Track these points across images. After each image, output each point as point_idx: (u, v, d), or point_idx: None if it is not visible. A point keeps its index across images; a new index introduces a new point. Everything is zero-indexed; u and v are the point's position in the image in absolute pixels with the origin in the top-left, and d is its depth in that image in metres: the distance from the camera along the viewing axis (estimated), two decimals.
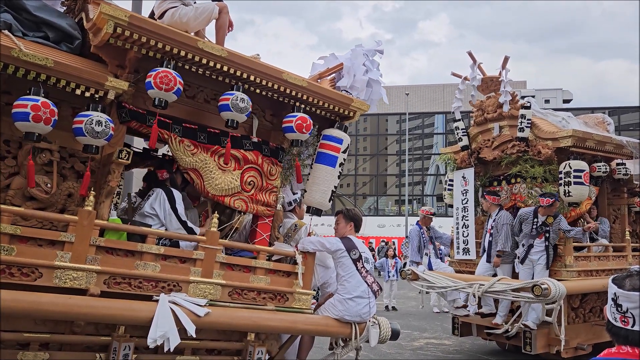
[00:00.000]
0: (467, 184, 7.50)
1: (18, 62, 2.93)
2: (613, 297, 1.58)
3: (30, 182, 3.12)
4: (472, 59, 7.22)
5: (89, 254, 3.21)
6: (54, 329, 3.20)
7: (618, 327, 1.56)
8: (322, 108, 4.30)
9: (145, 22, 3.33)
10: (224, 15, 4.31)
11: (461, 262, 7.58)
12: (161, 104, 3.33)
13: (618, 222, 7.83)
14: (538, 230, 6.51)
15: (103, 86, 3.23)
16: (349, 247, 4.32)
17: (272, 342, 4.09)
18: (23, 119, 2.94)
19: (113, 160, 3.41)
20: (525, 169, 6.85)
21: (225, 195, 3.90)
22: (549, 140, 6.70)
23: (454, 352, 7.46)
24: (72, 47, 3.64)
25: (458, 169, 7.77)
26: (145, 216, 3.86)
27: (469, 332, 7.35)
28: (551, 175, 6.69)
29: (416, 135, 41.64)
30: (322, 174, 4.28)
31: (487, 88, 7.44)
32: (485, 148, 7.50)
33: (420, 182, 42.05)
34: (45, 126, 2.98)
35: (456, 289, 6.41)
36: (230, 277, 3.78)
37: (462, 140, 7.61)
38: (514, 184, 7.26)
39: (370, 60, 5.06)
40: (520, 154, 6.96)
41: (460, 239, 7.49)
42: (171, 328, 3.23)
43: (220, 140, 3.91)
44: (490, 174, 7.71)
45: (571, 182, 6.41)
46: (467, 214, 7.43)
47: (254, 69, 3.79)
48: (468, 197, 7.47)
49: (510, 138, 7.10)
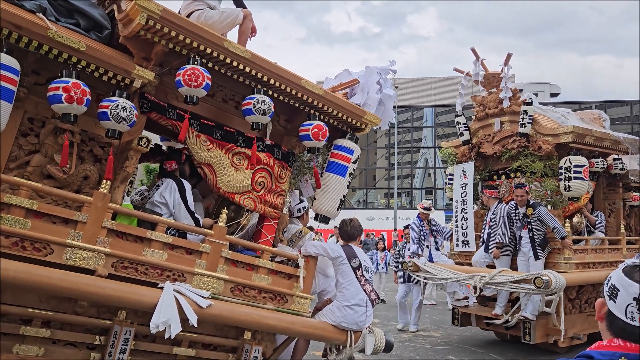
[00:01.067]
0: (467, 178, 7.62)
1: (52, 42, 3.03)
2: (637, 297, 1.47)
3: (64, 160, 3.20)
4: (475, 55, 7.40)
5: (100, 235, 3.26)
6: (57, 308, 3.23)
7: (633, 326, 1.46)
8: (335, 118, 4.41)
9: (176, 17, 3.45)
10: (247, 21, 4.45)
11: (461, 254, 7.73)
12: (192, 100, 3.45)
13: (613, 216, 8.08)
14: (521, 221, 6.75)
15: (130, 74, 3.34)
16: (349, 255, 4.39)
17: (267, 342, 4.12)
18: (57, 101, 3.04)
19: (132, 147, 3.50)
20: (525, 164, 7.02)
21: (236, 192, 3.98)
22: (549, 136, 6.90)
23: (442, 344, 7.56)
24: (101, 37, 3.74)
25: (458, 163, 7.90)
26: (154, 205, 3.92)
27: (468, 323, 7.54)
28: (551, 170, 6.90)
29: (405, 129, 41.77)
30: (332, 183, 4.37)
31: (489, 84, 7.61)
32: (485, 143, 7.66)
33: (409, 175, 42.20)
34: (78, 106, 3.07)
35: (457, 280, 6.59)
36: (234, 273, 3.83)
37: (463, 134, 7.75)
38: (513, 178, 7.44)
39: (384, 78, 5.21)
40: (520, 149, 7.13)
41: (460, 231, 7.61)
42: (174, 315, 3.27)
43: (235, 139, 4.01)
44: (490, 168, 7.89)
45: (571, 177, 6.57)
46: (466, 207, 7.55)
47: (274, 72, 3.91)
48: (467, 190, 7.59)
49: (511, 133, 7.29)
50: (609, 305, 1.54)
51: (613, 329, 1.51)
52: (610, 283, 1.56)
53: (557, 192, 6.89)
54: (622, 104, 38.99)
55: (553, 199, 6.98)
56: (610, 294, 1.54)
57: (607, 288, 1.56)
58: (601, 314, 1.56)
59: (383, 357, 6.01)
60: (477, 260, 7.17)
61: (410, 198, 42.31)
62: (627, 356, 1.43)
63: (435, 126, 41.90)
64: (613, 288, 1.54)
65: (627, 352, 1.44)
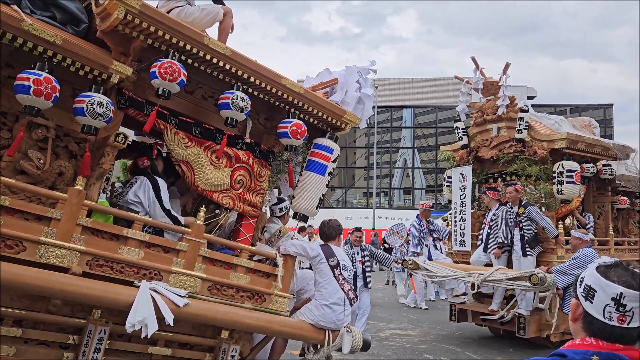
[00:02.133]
0: (465, 181, 8.05)
1: (27, 35, 2.96)
2: (615, 297, 1.47)
3: (11, 149, 3.10)
4: (475, 64, 7.83)
5: (74, 233, 3.20)
6: (30, 306, 3.16)
7: (612, 326, 1.47)
8: (315, 117, 4.41)
9: (155, 12, 3.40)
10: (227, 18, 4.41)
11: (458, 253, 8.15)
12: (164, 94, 3.39)
13: (602, 218, 8.57)
14: (514, 220, 7.13)
15: (107, 69, 3.28)
16: (327, 254, 4.41)
17: (245, 342, 4.10)
18: (24, 91, 2.96)
19: (109, 143, 3.44)
20: (521, 167, 7.45)
21: (215, 190, 3.95)
22: (544, 141, 7.33)
23: (419, 342, 7.67)
24: (78, 31, 3.67)
25: (457, 166, 8.30)
26: (129, 203, 3.86)
27: (464, 319, 7.91)
28: (545, 174, 7.27)
29: (384, 129, 41.96)
30: (311, 182, 4.37)
31: (487, 91, 8.05)
32: (483, 147, 8.06)
33: (388, 175, 42.46)
34: (45, 101, 3.00)
35: (456, 277, 6.90)
36: (211, 272, 3.80)
37: (462, 139, 8.14)
38: (509, 181, 7.81)
39: (364, 78, 5.23)
40: (516, 153, 7.54)
41: (458, 231, 8.08)
42: (150, 314, 3.23)
43: (214, 137, 3.97)
44: (486, 171, 8.31)
45: (564, 181, 7.02)
46: (464, 208, 8.01)
47: (255, 70, 3.89)
48: (466, 192, 8.02)
49: (508, 138, 7.69)
50: (584, 306, 1.53)
51: (591, 329, 1.50)
52: (585, 284, 1.54)
53: (550, 194, 7.26)
54: (595, 108, 40.20)
55: (547, 201, 7.41)
56: (586, 295, 1.53)
57: (582, 289, 1.55)
58: (576, 315, 1.56)
59: (360, 356, 6.05)
60: (475, 259, 7.54)
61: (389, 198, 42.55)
62: (600, 355, 1.44)
63: (414, 127, 42.21)
64: (589, 289, 1.53)
65: (599, 351, 1.45)
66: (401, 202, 42.65)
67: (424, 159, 42.83)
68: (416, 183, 42.31)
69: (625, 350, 1.47)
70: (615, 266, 1.53)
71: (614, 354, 1.45)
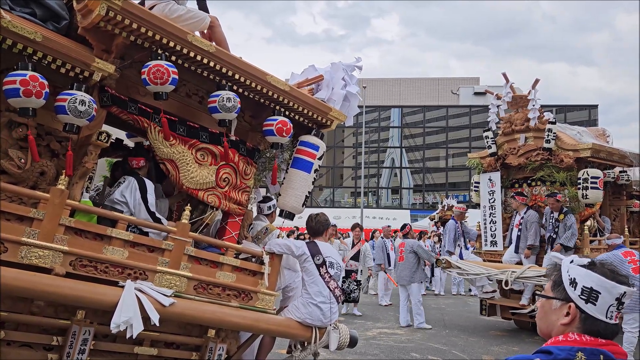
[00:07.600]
0: (494, 186, 8.86)
1: (6, 32, 2.91)
2: (619, 297, 1.48)
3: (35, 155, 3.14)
4: (505, 79, 8.50)
5: (57, 233, 3.16)
6: (12, 308, 3.11)
7: (612, 325, 1.49)
8: (301, 114, 4.40)
9: (138, 8, 3.36)
10: (217, 29, 4.31)
11: (487, 253, 8.89)
12: (162, 97, 3.38)
13: (618, 220, 9.37)
14: (553, 225, 7.86)
15: (89, 67, 3.24)
16: (313, 252, 4.37)
17: (231, 340, 4.08)
18: (14, 95, 2.93)
19: (92, 142, 3.40)
20: (548, 174, 8.16)
21: (200, 189, 3.92)
22: (570, 150, 7.97)
23: (406, 342, 7.72)
24: (59, 27, 3.61)
25: (484, 172, 9.05)
26: (115, 203, 3.82)
27: (494, 313, 8.73)
28: (569, 180, 7.96)
29: (372, 128, 42.30)
30: (297, 179, 4.35)
31: (515, 104, 8.69)
32: (510, 155, 8.71)
33: (375, 174, 42.70)
34: (37, 100, 2.97)
35: (489, 275, 7.69)
36: (197, 270, 3.77)
37: (491, 147, 8.85)
38: (534, 186, 8.64)
39: (349, 75, 5.22)
40: (543, 161, 8.19)
41: (488, 232, 8.89)
42: (135, 314, 3.19)
43: (199, 135, 3.94)
44: (512, 177, 9.01)
45: (588, 186, 7.65)
46: (494, 211, 8.83)
47: (239, 68, 3.86)
48: (495, 197, 8.83)
49: (535, 147, 8.32)
50: (585, 308, 1.50)
51: (592, 331, 1.49)
52: (584, 287, 1.51)
53: (575, 199, 7.92)
54: (581, 109, 40.89)
55: (571, 205, 8.00)
56: (587, 298, 1.50)
57: (579, 292, 1.52)
58: (570, 318, 1.52)
59: (348, 354, 6.06)
60: (507, 259, 8.24)
61: (376, 197, 42.68)
62: (584, 351, 1.44)
63: (402, 126, 42.39)
64: (591, 291, 1.50)
65: (583, 347, 1.45)
66: (389, 201, 42.85)
67: (412, 158, 43.05)
68: (404, 182, 42.50)
69: (607, 345, 1.47)
70: (602, 265, 1.54)
71: (598, 350, 1.45)
